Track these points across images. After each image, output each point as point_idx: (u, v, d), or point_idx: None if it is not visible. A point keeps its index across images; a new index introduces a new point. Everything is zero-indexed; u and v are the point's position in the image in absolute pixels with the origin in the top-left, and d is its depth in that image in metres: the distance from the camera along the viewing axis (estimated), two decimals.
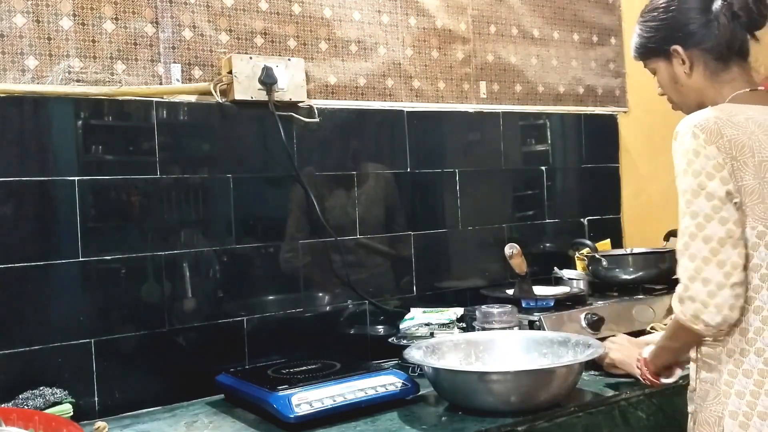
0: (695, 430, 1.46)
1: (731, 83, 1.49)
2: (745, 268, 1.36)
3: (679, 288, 1.41)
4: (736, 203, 1.36)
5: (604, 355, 1.80)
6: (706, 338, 1.43)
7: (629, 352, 1.76)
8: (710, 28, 1.48)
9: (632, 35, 1.63)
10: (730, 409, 1.39)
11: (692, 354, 1.49)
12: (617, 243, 2.82)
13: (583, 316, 2.15)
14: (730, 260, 1.34)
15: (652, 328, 2.15)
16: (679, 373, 1.64)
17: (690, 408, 1.51)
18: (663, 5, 1.54)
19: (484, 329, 2.03)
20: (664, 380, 1.64)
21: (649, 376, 1.61)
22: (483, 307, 2.09)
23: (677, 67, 1.53)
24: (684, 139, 1.40)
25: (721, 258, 1.35)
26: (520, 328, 2.05)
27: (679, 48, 1.51)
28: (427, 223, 2.39)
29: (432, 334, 2.07)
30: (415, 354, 1.77)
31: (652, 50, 1.57)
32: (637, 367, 1.65)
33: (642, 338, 1.91)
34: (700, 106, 1.51)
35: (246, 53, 2.05)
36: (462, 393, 1.67)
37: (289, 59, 2.10)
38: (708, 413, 1.42)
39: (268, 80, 2.03)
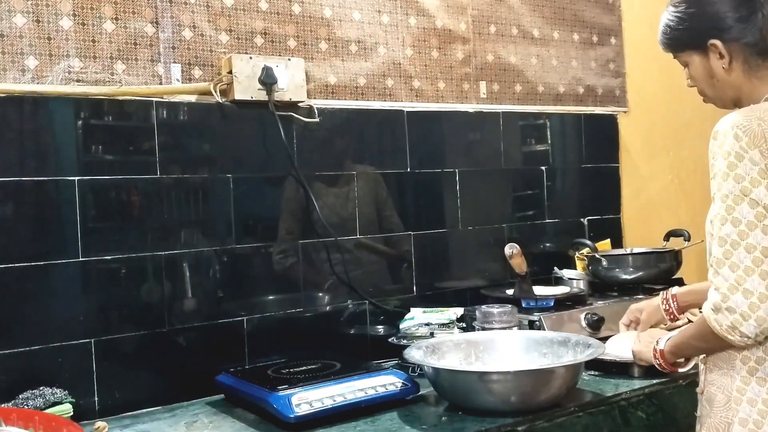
0: None
1: None
2: None
3: (715, 297, 1.33)
4: None
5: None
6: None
7: (647, 343, 1.71)
8: (752, 21, 1.41)
9: (659, 23, 1.54)
10: (740, 416, 1.37)
11: (702, 357, 1.48)
12: (617, 243, 2.82)
13: (583, 316, 2.15)
14: None
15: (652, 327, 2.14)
16: (694, 361, 1.62)
17: (698, 410, 1.49)
18: None
19: (484, 329, 2.03)
20: (681, 370, 1.62)
21: (667, 367, 1.60)
22: (483, 307, 2.09)
23: (714, 62, 1.45)
24: (725, 140, 1.34)
25: (764, 269, 1.28)
26: (520, 328, 2.05)
27: (718, 42, 1.43)
28: (427, 223, 2.39)
29: (432, 334, 2.07)
30: (415, 354, 1.77)
31: (685, 43, 1.49)
32: (654, 357, 1.63)
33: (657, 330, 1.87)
34: (735, 101, 1.47)
35: (246, 53, 2.05)
36: (462, 393, 1.67)
37: (289, 59, 2.10)
38: (717, 419, 1.40)
39: (268, 80, 2.03)
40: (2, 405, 1.60)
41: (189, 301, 1.95)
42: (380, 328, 2.25)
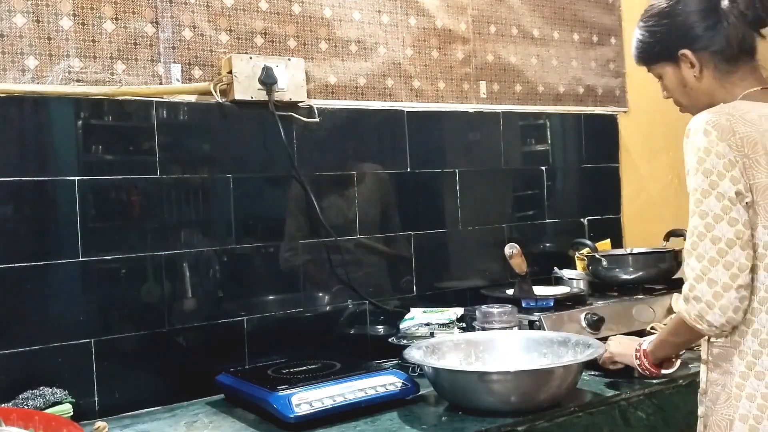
0: None
1: (742, 83, 1.47)
2: (753, 270, 1.35)
3: (684, 287, 1.40)
4: (747, 203, 1.35)
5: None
6: (717, 340, 1.42)
7: (628, 345, 1.76)
8: (718, 30, 1.46)
9: (632, 39, 1.61)
10: (740, 412, 1.37)
11: (703, 355, 1.48)
12: (617, 243, 2.82)
13: (583, 316, 2.15)
14: (738, 262, 1.34)
15: (652, 328, 2.15)
16: (678, 364, 1.64)
17: (700, 410, 1.50)
18: (667, 9, 1.52)
19: (484, 329, 2.03)
20: (664, 371, 1.64)
21: (649, 367, 1.64)
22: (483, 307, 2.09)
23: (686, 71, 1.51)
24: (696, 137, 1.38)
25: (728, 259, 1.34)
26: (520, 328, 2.05)
27: (687, 52, 1.49)
28: (427, 223, 2.39)
29: (432, 334, 2.07)
30: (415, 354, 1.77)
31: (657, 55, 1.55)
32: (636, 358, 1.65)
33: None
34: (710, 107, 1.49)
35: (246, 53, 2.05)
36: (462, 393, 1.67)
37: (289, 59, 2.10)
38: (719, 416, 1.41)
39: (268, 80, 2.03)
40: (2, 405, 1.60)
41: (189, 301, 1.95)
42: (380, 328, 2.25)
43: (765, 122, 1.38)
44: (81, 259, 1.80)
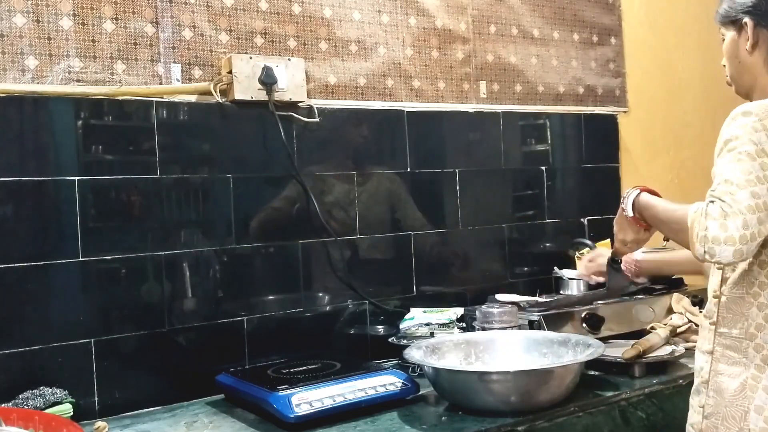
0: (719, 427, 1.44)
1: None
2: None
3: (710, 195, 1.34)
4: None
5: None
6: (730, 331, 1.43)
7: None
8: None
9: None
10: (756, 404, 1.39)
11: (705, 346, 1.49)
12: None
13: (583, 316, 2.15)
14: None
15: (652, 327, 2.15)
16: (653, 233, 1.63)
17: (698, 401, 1.49)
18: None
19: (484, 329, 2.03)
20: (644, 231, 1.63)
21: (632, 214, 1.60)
22: (483, 307, 2.09)
23: (742, 42, 1.51)
24: (746, 119, 1.37)
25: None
26: (520, 328, 2.05)
27: (749, 22, 1.49)
28: (427, 223, 2.39)
29: (432, 334, 2.07)
30: (415, 354, 1.77)
31: (726, 17, 1.54)
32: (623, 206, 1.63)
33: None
34: (749, 92, 1.52)
35: (246, 53, 2.05)
36: (462, 393, 1.67)
37: (289, 59, 2.10)
38: (733, 408, 1.42)
39: (268, 80, 2.03)
40: (2, 405, 1.60)
41: (189, 301, 1.95)
42: (380, 328, 2.25)
43: None
44: (81, 259, 1.80)
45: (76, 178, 1.80)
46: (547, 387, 1.63)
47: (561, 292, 2.47)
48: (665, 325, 2.16)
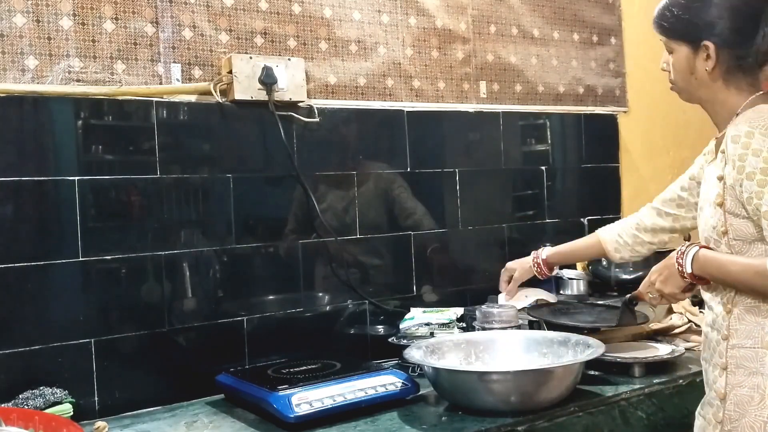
0: None
1: (749, 88, 1.46)
2: None
3: None
4: None
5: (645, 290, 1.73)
6: (743, 342, 1.41)
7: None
8: (750, 37, 1.43)
9: (661, 4, 1.53)
10: None
11: (718, 360, 1.46)
12: None
13: None
14: None
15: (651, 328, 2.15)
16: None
17: (716, 416, 1.46)
18: None
19: (484, 329, 2.03)
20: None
21: (682, 263, 1.53)
22: (483, 307, 2.09)
23: (700, 61, 1.47)
24: (763, 138, 1.35)
25: None
26: (520, 328, 2.05)
27: (711, 45, 1.45)
28: (426, 223, 2.39)
29: (432, 334, 2.07)
30: (415, 354, 1.77)
31: (681, 33, 1.50)
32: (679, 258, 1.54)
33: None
34: (701, 101, 1.51)
35: (246, 53, 2.05)
36: (462, 393, 1.67)
37: (289, 59, 2.10)
38: (751, 418, 1.40)
39: (268, 80, 2.03)
40: (2, 405, 1.60)
41: (189, 300, 1.95)
42: (380, 328, 2.25)
43: None
44: (81, 259, 1.80)
45: (76, 178, 1.80)
46: (547, 387, 1.63)
47: (561, 292, 2.47)
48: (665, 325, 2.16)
